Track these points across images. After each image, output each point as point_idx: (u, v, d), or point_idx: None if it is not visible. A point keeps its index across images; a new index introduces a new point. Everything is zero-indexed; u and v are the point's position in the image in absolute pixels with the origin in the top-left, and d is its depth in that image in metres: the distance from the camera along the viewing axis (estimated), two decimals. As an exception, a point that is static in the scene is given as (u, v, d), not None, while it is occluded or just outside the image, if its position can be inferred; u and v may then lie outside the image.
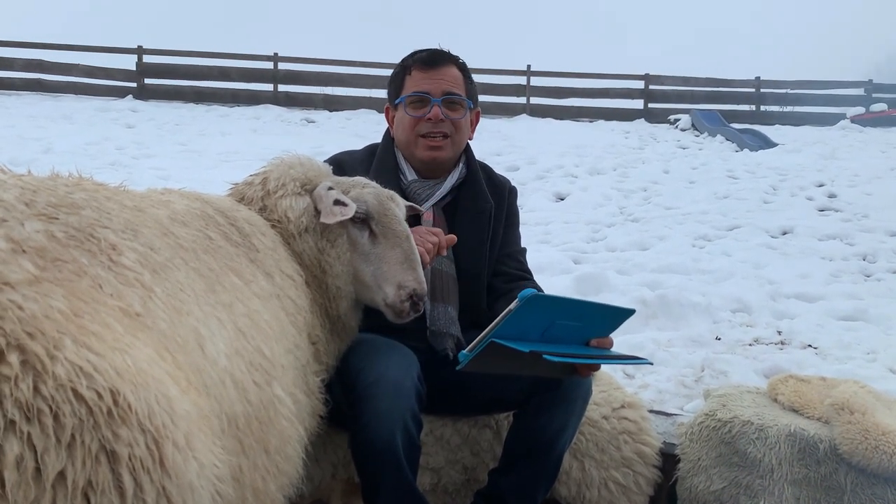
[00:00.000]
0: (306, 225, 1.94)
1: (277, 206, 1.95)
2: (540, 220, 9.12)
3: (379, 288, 1.96)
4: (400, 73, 2.45)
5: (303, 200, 1.97)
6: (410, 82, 2.40)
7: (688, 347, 4.70)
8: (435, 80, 2.38)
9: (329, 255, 1.96)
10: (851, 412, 2.26)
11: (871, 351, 4.72)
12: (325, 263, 1.95)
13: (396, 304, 1.93)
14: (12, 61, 18.24)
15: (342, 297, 1.98)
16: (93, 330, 0.94)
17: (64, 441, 0.85)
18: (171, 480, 0.92)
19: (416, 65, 2.41)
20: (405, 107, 2.40)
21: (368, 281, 1.97)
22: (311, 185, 2.01)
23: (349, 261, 1.98)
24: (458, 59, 2.46)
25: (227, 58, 19.47)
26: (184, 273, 1.30)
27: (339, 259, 1.96)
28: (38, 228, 1.07)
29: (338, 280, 1.96)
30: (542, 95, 19.94)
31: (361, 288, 2.00)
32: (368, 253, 1.98)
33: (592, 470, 2.44)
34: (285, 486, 1.48)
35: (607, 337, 1.95)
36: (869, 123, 18.52)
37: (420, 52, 2.45)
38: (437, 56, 2.42)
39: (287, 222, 1.93)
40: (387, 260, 1.95)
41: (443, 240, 2.19)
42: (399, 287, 1.92)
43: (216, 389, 1.19)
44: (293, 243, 1.91)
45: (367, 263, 1.98)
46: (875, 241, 8.03)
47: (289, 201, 1.96)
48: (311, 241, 1.94)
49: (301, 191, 1.99)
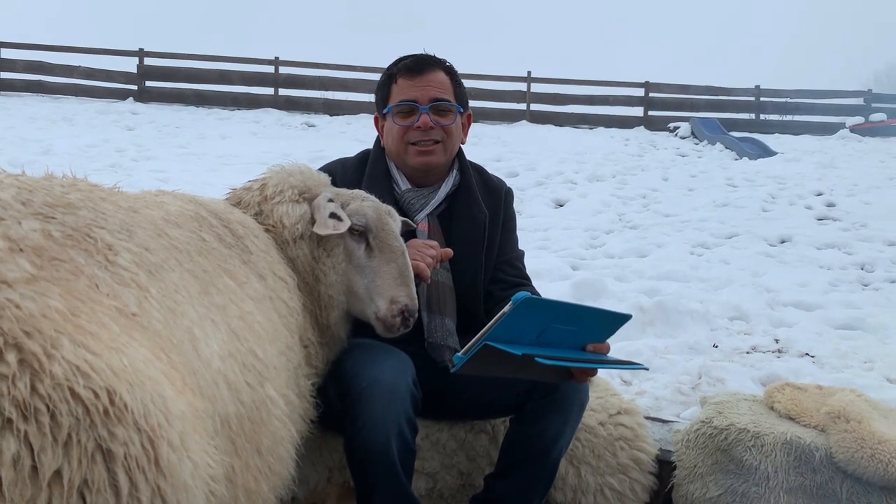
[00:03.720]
0: (301, 232, 1.96)
1: (273, 212, 1.97)
2: (539, 226, 9.13)
3: (371, 301, 1.99)
4: (386, 81, 2.40)
5: (299, 208, 1.98)
6: (397, 90, 2.36)
7: (685, 355, 4.70)
8: (421, 87, 2.33)
9: (325, 263, 1.97)
10: (847, 421, 2.26)
11: (869, 360, 4.71)
12: (320, 272, 1.97)
13: (388, 318, 1.97)
14: (14, 62, 18.25)
15: (333, 306, 2.00)
16: (90, 329, 0.94)
17: (60, 440, 0.85)
18: (166, 480, 0.92)
19: (401, 72, 2.36)
20: (393, 116, 2.35)
21: (361, 293, 2.00)
22: (309, 194, 2.03)
23: (344, 271, 2.00)
24: (444, 62, 2.41)
25: (228, 61, 19.48)
26: (178, 274, 1.30)
27: (334, 269, 1.98)
28: (36, 227, 1.07)
29: (331, 289, 1.98)
30: (543, 102, 19.97)
31: (353, 299, 2.03)
32: (364, 266, 2.01)
33: (588, 476, 2.43)
34: (277, 487, 1.48)
35: (604, 342, 1.95)
36: (868, 133, 18.54)
37: (405, 59, 2.40)
38: (422, 62, 2.37)
39: (282, 228, 1.94)
40: (381, 274, 1.98)
41: (439, 253, 2.21)
42: (392, 302, 1.96)
43: (210, 390, 1.19)
44: (287, 249, 1.93)
45: (361, 276, 2.01)
46: (873, 251, 8.04)
47: (285, 208, 1.97)
48: (305, 249, 1.95)
49: (298, 198, 2.01)
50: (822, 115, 20.89)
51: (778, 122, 20.85)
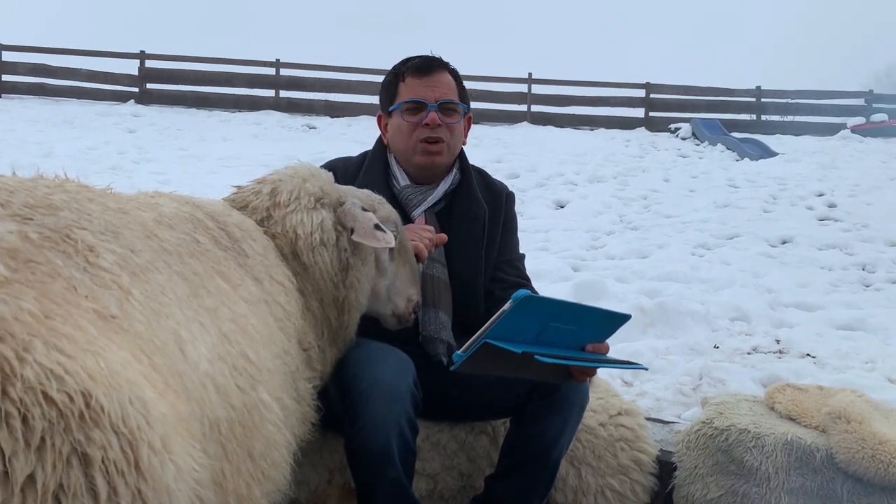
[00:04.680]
0: (321, 240, 1.88)
1: (286, 220, 1.88)
2: (539, 227, 9.12)
3: (389, 300, 2.10)
4: (393, 80, 2.44)
5: (317, 215, 1.90)
6: (405, 89, 2.40)
7: (686, 355, 4.68)
8: (430, 86, 2.38)
9: (359, 271, 1.96)
10: (848, 421, 2.24)
11: (870, 360, 4.70)
12: (353, 279, 1.94)
13: (405, 315, 2.13)
14: (16, 65, 18.28)
15: (358, 310, 2.00)
16: (64, 332, 0.92)
17: (33, 444, 0.83)
18: (147, 483, 0.90)
19: (409, 72, 2.41)
20: (401, 113, 2.39)
21: (382, 293, 2.09)
22: (327, 199, 1.96)
23: (372, 277, 2.04)
24: (449, 65, 2.46)
25: (229, 63, 19.50)
26: (166, 276, 1.27)
27: (368, 276, 2.00)
28: (12, 229, 1.04)
29: (361, 296, 1.98)
30: (543, 103, 19.95)
31: (373, 300, 2.08)
32: (387, 268, 2.08)
33: (589, 477, 2.42)
34: (271, 493, 1.45)
35: (603, 342, 1.93)
36: (869, 133, 18.51)
37: (413, 59, 2.45)
38: (430, 63, 2.42)
39: (294, 238, 1.87)
40: (399, 275, 2.10)
41: (434, 237, 2.24)
42: (408, 300, 2.12)
43: (197, 393, 1.16)
44: (301, 256, 1.86)
45: (383, 278, 2.08)
46: (874, 251, 8.03)
47: (300, 216, 1.89)
48: (327, 256, 1.88)
49: (315, 205, 1.92)
50: (823, 115, 20.86)
51: (779, 122, 20.83)
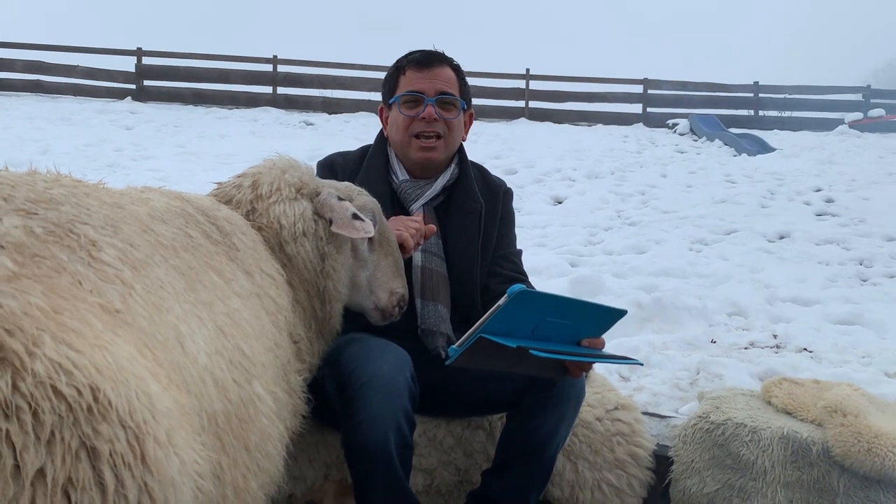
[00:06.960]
0: (303, 230, 1.92)
1: (269, 212, 1.92)
2: (537, 223, 9.13)
3: (371, 292, 2.09)
4: (394, 73, 2.46)
5: (299, 206, 1.94)
6: (405, 82, 2.41)
7: (683, 350, 4.69)
8: (429, 79, 2.38)
9: (335, 260, 1.97)
10: (844, 415, 2.25)
11: (867, 355, 4.71)
12: (329, 268, 1.95)
13: (388, 308, 2.10)
14: (12, 62, 18.22)
15: (339, 300, 2.00)
16: (72, 327, 0.93)
17: (43, 438, 0.84)
18: (153, 476, 0.91)
19: (410, 65, 2.42)
20: (399, 106, 2.40)
21: (363, 285, 2.08)
22: (306, 190, 1.99)
23: (350, 266, 2.03)
24: (451, 60, 2.46)
25: (227, 60, 19.45)
26: (164, 270, 1.28)
27: (344, 265, 2.00)
28: (17, 224, 1.05)
29: (339, 284, 1.98)
30: (541, 99, 19.96)
31: (354, 291, 2.08)
32: (366, 259, 2.07)
33: (585, 471, 2.43)
34: (266, 485, 1.47)
35: (599, 338, 1.94)
36: (867, 129, 18.53)
37: (414, 53, 2.46)
38: (431, 56, 2.43)
39: (279, 228, 1.90)
40: (381, 267, 2.09)
41: (422, 227, 2.23)
42: (391, 293, 2.09)
43: (196, 387, 1.18)
44: (285, 247, 1.89)
45: (363, 269, 2.07)
46: (872, 246, 8.04)
47: (282, 207, 1.93)
48: (308, 246, 1.92)
49: (296, 196, 1.97)
50: (821, 111, 20.90)
51: (776, 118, 20.85)
